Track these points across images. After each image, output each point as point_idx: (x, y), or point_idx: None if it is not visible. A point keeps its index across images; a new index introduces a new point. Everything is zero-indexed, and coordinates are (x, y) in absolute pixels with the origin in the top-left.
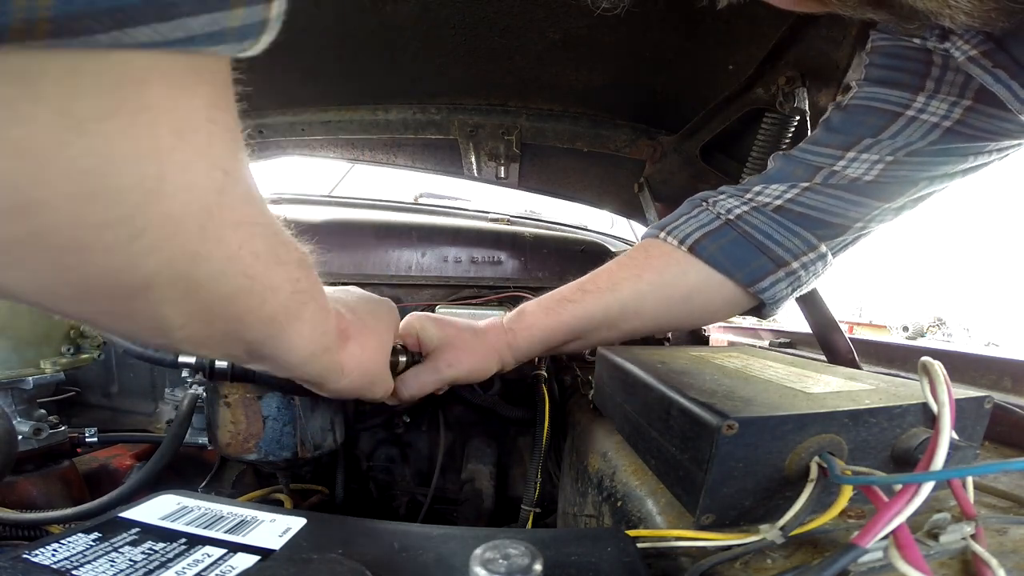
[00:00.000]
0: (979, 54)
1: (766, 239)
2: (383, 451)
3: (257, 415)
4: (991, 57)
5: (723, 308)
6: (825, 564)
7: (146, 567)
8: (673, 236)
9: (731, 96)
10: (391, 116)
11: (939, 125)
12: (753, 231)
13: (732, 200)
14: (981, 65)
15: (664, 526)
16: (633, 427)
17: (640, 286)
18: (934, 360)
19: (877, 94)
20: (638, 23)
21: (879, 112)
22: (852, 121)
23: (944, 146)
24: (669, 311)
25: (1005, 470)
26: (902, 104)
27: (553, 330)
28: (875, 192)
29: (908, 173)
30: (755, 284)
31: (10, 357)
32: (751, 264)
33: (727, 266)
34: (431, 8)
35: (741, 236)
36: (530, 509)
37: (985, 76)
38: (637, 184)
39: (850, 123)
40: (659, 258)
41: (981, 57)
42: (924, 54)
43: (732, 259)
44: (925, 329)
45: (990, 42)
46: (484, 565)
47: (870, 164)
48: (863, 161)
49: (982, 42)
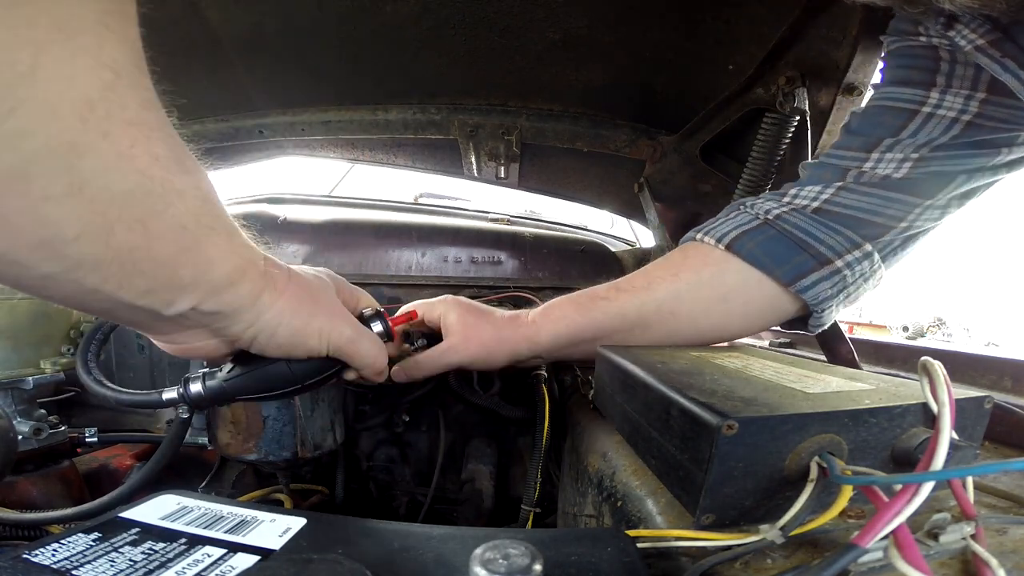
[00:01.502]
0: (987, 43)
1: (807, 236)
2: (383, 451)
3: (257, 415)
4: (999, 47)
5: (764, 311)
6: (825, 564)
7: (146, 567)
8: (710, 236)
9: (731, 96)
10: (391, 116)
11: (958, 120)
12: (793, 229)
13: (770, 203)
14: (989, 54)
15: (664, 526)
16: (633, 427)
17: (677, 285)
18: (934, 360)
19: (890, 93)
20: (638, 23)
21: (895, 111)
22: (870, 122)
23: (969, 139)
24: (707, 313)
25: (1005, 470)
26: (916, 101)
27: (582, 327)
28: (909, 188)
29: (939, 168)
30: (796, 282)
31: (10, 357)
32: (791, 260)
33: (766, 263)
34: (431, 8)
35: (780, 234)
36: (530, 509)
37: (993, 65)
38: (637, 184)
39: (868, 124)
40: (696, 258)
41: (989, 46)
42: (932, 51)
43: (771, 255)
44: (925, 329)
45: (997, 31)
46: (484, 565)
47: (897, 163)
48: (889, 160)
49: (989, 31)
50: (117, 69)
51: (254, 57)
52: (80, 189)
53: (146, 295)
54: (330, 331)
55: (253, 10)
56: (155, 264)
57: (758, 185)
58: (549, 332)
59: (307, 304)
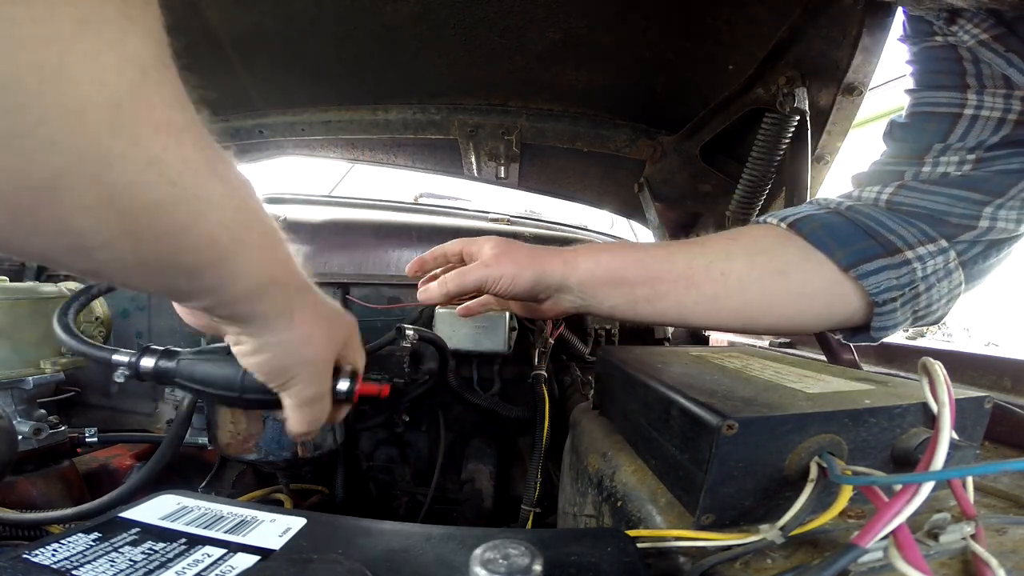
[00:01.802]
0: (990, 38)
1: (876, 225)
2: (383, 451)
3: (257, 415)
4: (1003, 41)
5: (822, 295)
6: (825, 564)
7: (146, 567)
8: (772, 218)
9: (731, 96)
10: (391, 116)
11: (1005, 120)
12: (862, 217)
13: (841, 198)
14: (993, 49)
15: (664, 526)
16: (633, 427)
17: (732, 247)
18: (934, 360)
19: (927, 98)
20: (638, 23)
21: (938, 116)
22: (916, 129)
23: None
24: (760, 281)
25: (1005, 470)
26: (956, 104)
27: (624, 264)
28: (975, 185)
29: (1003, 167)
30: (857, 266)
31: (10, 357)
32: (856, 244)
33: (828, 243)
34: (431, 8)
35: (848, 220)
36: (530, 509)
37: (998, 60)
38: (637, 184)
39: (914, 131)
40: (756, 230)
41: (992, 41)
42: (952, 50)
43: (835, 236)
44: (925, 329)
45: (1001, 26)
46: (484, 565)
47: (955, 164)
48: (944, 163)
49: (993, 26)
50: (143, 66)
51: (254, 57)
52: (110, 200)
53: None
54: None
55: (253, 10)
56: (180, 272)
57: (758, 185)
58: (588, 260)
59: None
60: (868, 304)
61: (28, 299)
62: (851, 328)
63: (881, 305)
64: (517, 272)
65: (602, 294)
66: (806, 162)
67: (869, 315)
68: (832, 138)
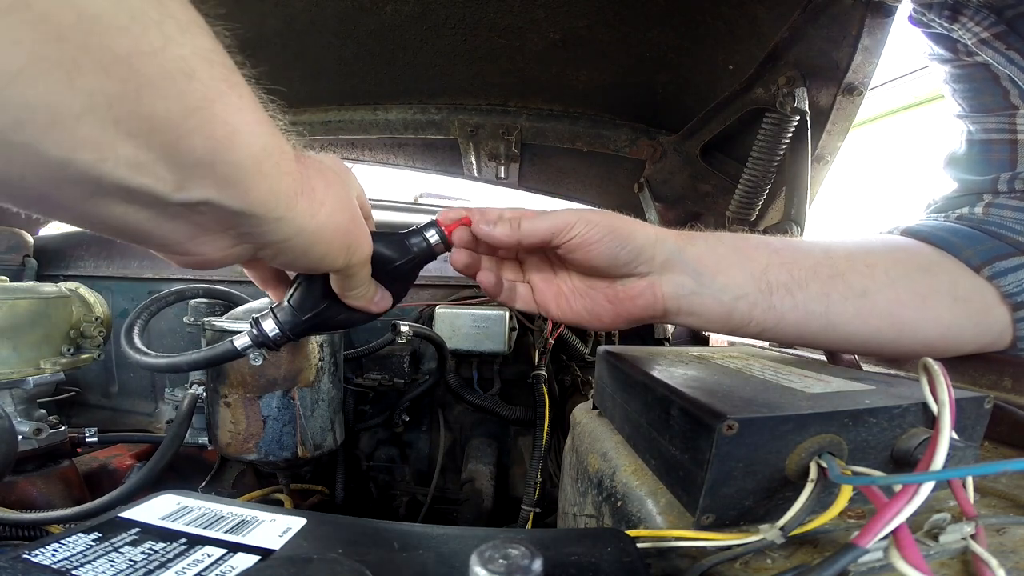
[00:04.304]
0: (991, 36)
1: (999, 228)
2: (383, 451)
3: (257, 415)
4: (1003, 39)
5: (975, 300)
6: (825, 564)
7: (146, 567)
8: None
9: (731, 96)
10: (391, 116)
11: None
12: (973, 225)
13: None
14: (994, 47)
15: (664, 526)
16: (633, 427)
17: (870, 243)
18: (934, 360)
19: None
20: (638, 23)
21: (996, 144)
22: (979, 159)
23: None
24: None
25: (1005, 470)
26: (1008, 130)
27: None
28: None
29: None
30: (991, 263)
31: (10, 357)
32: (983, 244)
33: (953, 242)
34: (431, 8)
35: (966, 225)
36: (530, 509)
37: (998, 58)
38: (637, 184)
39: (978, 162)
40: (871, 237)
41: (993, 39)
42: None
43: (958, 235)
44: None
45: (1002, 24)
46: (484, 565)
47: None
48: (1020, 187)
49: (994, 24)
50: None
51: (254, 57)
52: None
53: (139, 170)
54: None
55: (253, 10)
56: (148, 123)
57: (758, 185)
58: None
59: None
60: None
61: (28, 299)
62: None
63: (1019, 308)
64: (609, 227)
65: (725, 276)
66: (806, 162)
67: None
68: (832, 138)
